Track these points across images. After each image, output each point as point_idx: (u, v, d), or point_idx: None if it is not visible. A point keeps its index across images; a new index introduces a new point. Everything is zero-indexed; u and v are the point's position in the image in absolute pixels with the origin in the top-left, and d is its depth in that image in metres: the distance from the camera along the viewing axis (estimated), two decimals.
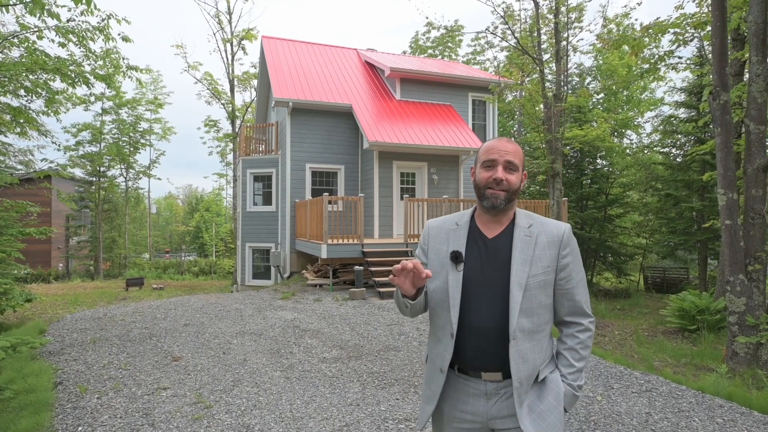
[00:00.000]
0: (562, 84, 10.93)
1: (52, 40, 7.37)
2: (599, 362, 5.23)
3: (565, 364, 1.56)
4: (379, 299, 9.17)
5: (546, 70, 11.07)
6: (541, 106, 12.15)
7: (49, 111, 8.40)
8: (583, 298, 1.57)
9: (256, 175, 15.00)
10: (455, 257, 1.52)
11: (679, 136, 14.50)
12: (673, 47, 7.64)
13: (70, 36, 7.48)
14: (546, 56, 12.54)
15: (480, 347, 1.50)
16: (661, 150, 15.20)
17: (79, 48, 7.69)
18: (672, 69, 8.56)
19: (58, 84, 8.23)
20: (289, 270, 13.29)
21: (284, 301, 9.14)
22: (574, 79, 18.79)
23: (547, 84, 11.07)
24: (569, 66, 11.75)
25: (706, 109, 8.43)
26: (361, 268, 9.78)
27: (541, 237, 1.53)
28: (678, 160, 14.19)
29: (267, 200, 15.00)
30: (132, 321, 7.65)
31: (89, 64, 8.05)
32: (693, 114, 13.81)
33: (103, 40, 7.81)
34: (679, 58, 8.72)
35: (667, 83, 15.03)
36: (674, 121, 14.26)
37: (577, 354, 1.56)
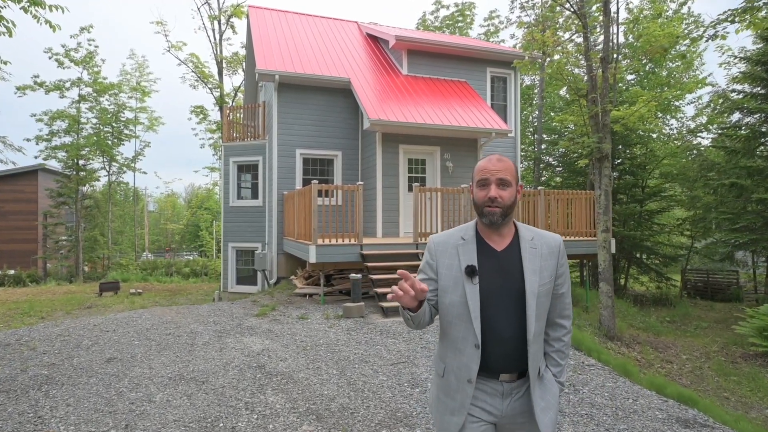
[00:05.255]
0: (612, 44, 8.75)
1: None
2: None
3: (553, 364, 1.70)
4: (381, 317, 7.05)
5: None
6: (579, 74, 10.00)
7: None
8: (570, 300, 1.72)
9: (240, 164, 12.91)
10: (471, 271, 1.58)
11: (739, 115, 12.23)
12: None
13: None
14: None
15: (503, 354, 1.58)
16: (720, 131, 12.88)
17: None
18: None
19: None
20: (276, 275, 11.20)
21: (259, 319, 7.04)
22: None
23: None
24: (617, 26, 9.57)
25: None
26: (359, 276, 7.66)
27: (543, 248, 1.64)
28: (737, 143, 11.90)
29: (254, 193, 12.91)
30: (43, 351, 5.59)
31: None
32: (758, 89, 11.55)
33: None
34: None
35: (724, 52, 12.84)
36: (736, 97, 11.97)
37: (563, 354, 1.72)
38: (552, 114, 20.68)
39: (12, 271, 22.54)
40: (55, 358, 5.29)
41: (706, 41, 6.63)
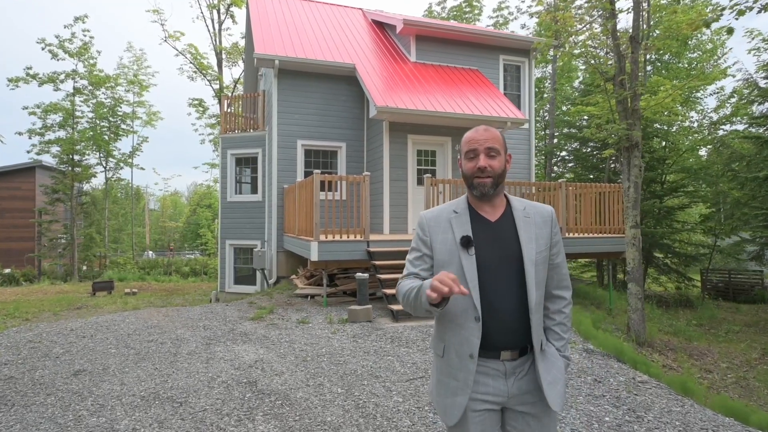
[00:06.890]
0: (642, 21, 7.99)
1: None
2: None
3: (555, 338, 1.63)
4: (391, 321, 6.32)
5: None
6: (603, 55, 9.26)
7: None
8: (566, 272, 1.69)
9: (239, 157, 12.19)
10: (466, 242, 1.55)
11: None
12: None
13: None
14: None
15: (503, 326, 1.53)
16: (752, 121, 12.07)
17: None
18: None
19: None
20: (276, 274, 10.48)
21: (255, 323, 6.32)
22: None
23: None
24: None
25: None
26: (366, 275, 6.92)
27: (537, 217, 1.62)
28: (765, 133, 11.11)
29: (253, 188, 12.19)
30: (5, 362, 4.88)
31: None
32: None
33: None
34: None
35: (755, 37, 12.04)
36: (766, 84, 11.18)
37: (564, 327, 1.66)
38: (564, 108, 19.90)
39: (7, 270, 21.93)
40: (16, 369, 4.59)
41: (759, 12, 5.86)
